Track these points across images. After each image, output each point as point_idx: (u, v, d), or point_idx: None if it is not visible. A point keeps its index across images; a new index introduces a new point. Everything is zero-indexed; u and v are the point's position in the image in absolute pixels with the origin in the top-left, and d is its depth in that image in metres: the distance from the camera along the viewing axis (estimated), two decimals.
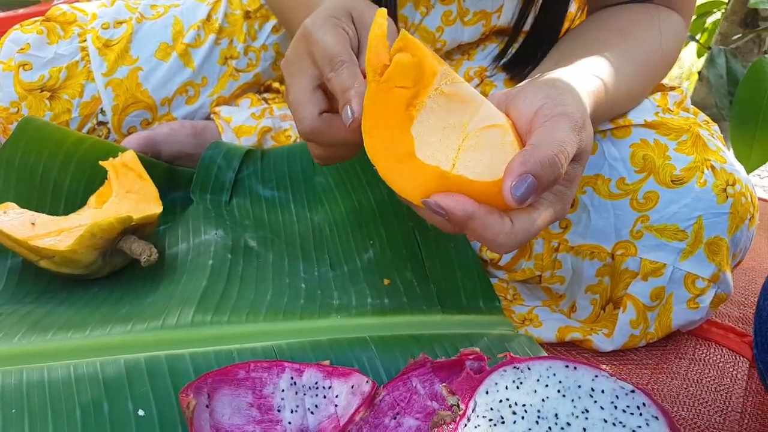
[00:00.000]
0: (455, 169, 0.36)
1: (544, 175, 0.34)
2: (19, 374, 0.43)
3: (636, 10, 0.57)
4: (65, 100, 0.69)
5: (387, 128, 0.36)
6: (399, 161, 0.36)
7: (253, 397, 0.43)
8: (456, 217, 0.36)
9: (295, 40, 0.44)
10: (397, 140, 0.36)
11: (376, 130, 0.36)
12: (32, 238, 0.51)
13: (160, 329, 0.47)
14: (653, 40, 0.54)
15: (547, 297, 0.61)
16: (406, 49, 0.36)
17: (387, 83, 0.35)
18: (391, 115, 0.36)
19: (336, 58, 0.41)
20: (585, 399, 0.41)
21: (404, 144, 0.36)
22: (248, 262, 0.58)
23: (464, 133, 0.37)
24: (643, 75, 0.54)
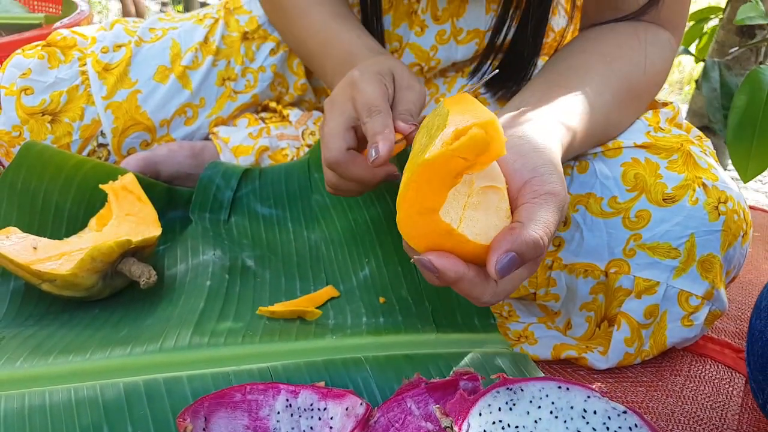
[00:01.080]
0: (460, 228, 0.38)
1: (527, 254, 0.37)
2: (21, 398, 0.44)
3: (623, 32, 0.57)
4: (66, 123, 0.70)
5: (427, 184, 0.37)
6: (421, 214, 0.38)
7: (249, 419, 0.44)
8: (447, 278, 0.38)
9: (342, 86, 0.52)
10: (431, 198, 0.38)
11: (417, 185, 0.37)
12: (34, 263, 0.52)
13: (159, 352, 0.48)
14: (637, 62, 0.55)
15: (543, 314, 0.61)
16: (485, 127, 0.37)
17: (454, 151, 0.36)
18: (438, 177, 0.37)
19: (374, 107, 0.48)
20: (577, 420, 0.42)
21: (435, 202, 0.38)
22: (245, 282, 0.59)
23: (470, 189, 0.39)
24: (623, 100, 0.55)
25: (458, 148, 0.36)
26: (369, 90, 0.50)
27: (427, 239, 0.39)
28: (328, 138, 0.51)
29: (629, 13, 0.58)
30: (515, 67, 0.65)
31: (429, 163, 0.37)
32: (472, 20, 0.69)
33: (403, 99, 0.52)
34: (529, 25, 0.61)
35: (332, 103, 0.52)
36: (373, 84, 0.50)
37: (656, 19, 0.59)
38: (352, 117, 0.51)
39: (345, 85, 0.52)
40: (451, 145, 0.36)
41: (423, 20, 0.69)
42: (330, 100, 0.53)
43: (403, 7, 0.69)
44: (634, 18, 0.58)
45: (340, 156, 0.50)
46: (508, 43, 0.65)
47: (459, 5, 0.68)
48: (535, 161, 0.41)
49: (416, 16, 0.69)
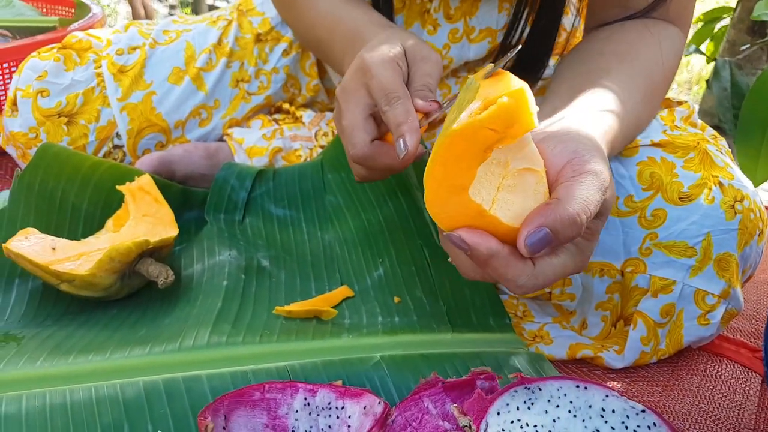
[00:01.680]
0: (492, 209, 0.36)
1: (561, 231, 0.35)
2: (42, 397, 0.44)
3: (634, 29, 0.57)
4: (82, 125, 0.70)
5: (456, 161, 0.36)
6: (450, 192, 0.36)
7: (268, 418, 0.44)
8: (479, 254, 0.36)
9: (353, 71, 0.49)
10: (460, 174, 0.36)
11: (444, 159, 0.36)
12: (53, 263, 0.52)
13: (178, 351, 0.48)
14: (655, 60, 0.55)
15: (558, 314, 0.61)
16: (514, 96, 0.35)
17: (481, 122, 0.35)
18: (467, 151, 0.36)
19: (392, 94, 0.46)
20: (596, 419, 0.42)
21: (464, 178, 0.36)
22: (261, 282, 0.59)
23: (506, 171, 0.37)
24: (648, 99, 0.54)
25: (486, 118, 0.34)
26: (383, 75, 0.47)
27: (457, 221, 0.37)
28: (350, 132, 0.48)
29: (638, 10, 0.58)
30: (528, 66, 0.65)
31: (456, 135, 0.35)
32: (484, 19, 0.69)
33: (419, 72, 0.49)
34: (541, 24, 0.61)
35: (345, 92, 0.49)
36: (386, 67, 0.47)
37: (664, 15, 0.59)
38: (369, 104, 0.48)
39: (356, 69, 0.49)
40: (479, 116, 0.34)
41: (435, 19, 0.69)
42: (342, 88, 0.50)
43: (416, 7, 0.69)
44: (642, 15, 0.58)
45: (366, 150, 0.48)
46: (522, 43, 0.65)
47: (471, 4, 0.68)
48: (576, 145, 0.39)
49: (429, 15, 0.70)
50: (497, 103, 0.35)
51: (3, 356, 0.48)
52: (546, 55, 0.64)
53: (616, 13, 0.59)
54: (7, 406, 0.43)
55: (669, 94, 0.63)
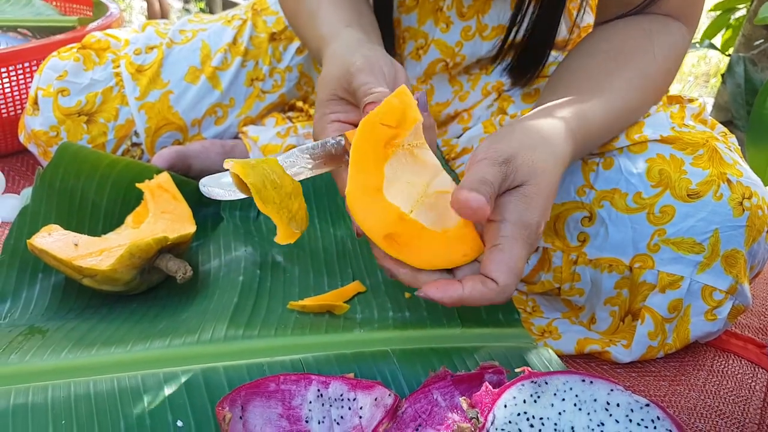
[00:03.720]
0: (412, 214, 0.42)
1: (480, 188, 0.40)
2: (67, 387, 0.46)
3: (629, 27, 0.58)
4: (101, 123, 0.72)
5: (365, 161, 0.42)
6: (366, 194, 0.42)
7: (283, 408, 0.45)
8: (449, 304, 0.42)
9: (339, 73, 0.49)
10: (370, 173, 0.42)
11: (355, 160, 0.42)
12: (76, 258, 0.54)
13: (196, 344, 0.50)
14: (646, 55, 0.56)
15: (567, 309, 0.62)
16: (398, 95, 0.43)
17: (375, 117, 0.42)
18: (371, 149, 0.42)
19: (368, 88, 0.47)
20: (600, 412, 0.43)
21: (375, 179, 0.42)
22: (276, 277, 0.61)
23: (423, 191, 0.44)
24: (639, 92, 0.56)
25: (377, 113, 0.42)
26: (366, 81, 0.48)
27: (380, 223, 0.42)
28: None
29: (635, 6, 0.59)
30: (528, 59, 0.67)
31: (358, 134, 0.41)
32: (497, 16, 0.70)
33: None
34: (541, 18, 0.62)
35: (325, 84, 0.51)
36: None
37: (666, 10, 0.59)
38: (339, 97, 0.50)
39: (343, 74, 0.49)
40: (371, 113, 0.42)
41: (448, 17, 0.70)
42: (322, 79, 0.52)
43: (429, 4, 0.70)
44: (640, 11, 0.59)
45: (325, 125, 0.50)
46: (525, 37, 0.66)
47: (484, 2, 0.69)
48: (500, 138, 0.45)
49: (442, 13, 0.70)
50: (383, 101, 0.42)
51: (29, 348, 0.50)
52: (546, 48, 0.65)
53: (616, 11, 0.60)
54: (34, 396, 0.45)
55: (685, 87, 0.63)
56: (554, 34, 0.64)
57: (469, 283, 0.41)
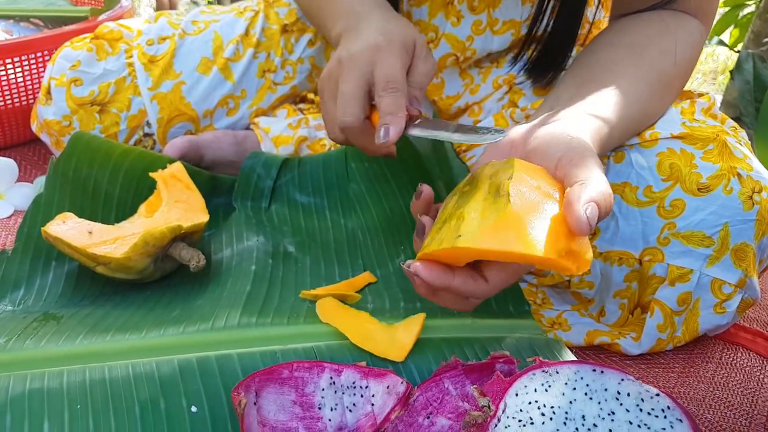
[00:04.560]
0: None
1: (603, 205, 0.37)
2: (82, 373, 0.46)
3: (651, 21, 0.58)
4: (114, 113, 0.73)
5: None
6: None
7: (296, 395, 0.46)
8: (429, 289, 0.42)
9: (365, 45, 0.52)
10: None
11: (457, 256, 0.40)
12: (90, 246, 0.55)
13: (210, 331, 0.50)
14: (667, 53, 0.56)
15: (576, 301, 0.62)
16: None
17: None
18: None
19: (392, 82, 0.50)
20: (611, 402, 0.43)
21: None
22: (287, 267, 0.61)
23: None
24: (658, 90, 0.56)
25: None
26: (392, 61, 0.51)
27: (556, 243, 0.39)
28: (347, 100, 0.51)
29: (659, 1, 0.59)
30: (552, 56, 0.66)
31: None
32: (508, 11, 0.70)
33: (417, 69, 0.54)
34: (564, 16, 0.62)
35: (352, 60, 0.52)
36: (397, 56, 0.51)
37: (685, 7, 0.59)
38: (370, 81, 0.51)
39: (368, 46, 0.52)
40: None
41: (459, 11, 0.70)
42: (350, 56, 0.52)
43: None
44: (663, 6, 0.59)
45: (356, 123, 0.51)
46: (545, 34, 0.66)
47: None
48: (563, 144, 0.43)
49: (452, 7, 0.70)
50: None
51: (44, 334, 0.51)
52: (569, 47, 0.65)
53: (638, 4, 0.60)
54: (50, 381, 0.46)
55: (692, 84, 0.64)
56: (576, 33, 0.64)
57: (461, 276, 0.41)
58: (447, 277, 0.40)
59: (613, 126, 0.49)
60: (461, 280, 0.41)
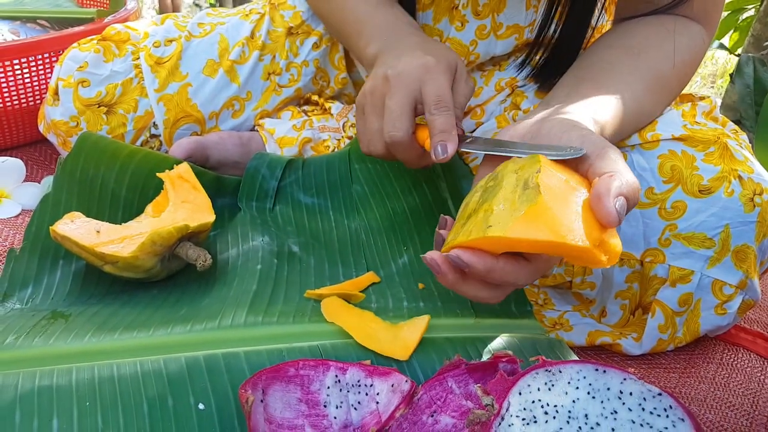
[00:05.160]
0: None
1: (631, 198, 0.38)
2: (90, 370, 0.47)
3: (651, 25, 0.59)
4: (120, 114, 0.73)
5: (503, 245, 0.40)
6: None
7: (302, 392, 0.47)
8: (473, 273, 0.41)
9: (413, 64, 0.53)
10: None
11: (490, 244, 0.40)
12: (98, 245, 0.55)
13: (217, 329, 0.51)
14: (665, 55, 0.57)
15: (578, 302, 0.63)
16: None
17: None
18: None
19: (444, 101, 0.51)
20: (614, 401, 0.44)
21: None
22: (292, 266, 0.62)
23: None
24: (655, 91, 0.56)
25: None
26: (442, 81, 0.52)
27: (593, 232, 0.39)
28: (396, 115, 0.52)
29: (661, 6, 0.59)
30: (559, 61, 0.66)
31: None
32: (512, 15, 0.70)
33: (459, 92, 0.55)
34: (572, 22, 0.63)
35: (400, 77, 0.53)
36: (446, 75, 0.53)
37: (688, 12, 0.60)
38: (418, 98, 0.53)
39: (418, 65, 0.53)
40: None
41: (464, 15, 0.71)
42: (398, 73, 0.53)
43: (445, 3, 0.71)
44: (666, 11, 0.60)
45: (405, 138, 0.52)
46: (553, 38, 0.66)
47: (500, 1, 0.70)
48: (577, 135, 0.43)
49: (457, 11, 0.71)
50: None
51: (53, 332, 0.51)
52: (576, 52, 0.66)
53: (642, 8, 0.61)
54: (59, 378, 0.46)
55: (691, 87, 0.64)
56: (583, 38, 0.65)
57: (503, 258, 0.40)
58: (490, 260, 0.40)
59: (605, 122, 0.50)
60: (504, 263, 0.40)
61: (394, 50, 0.57)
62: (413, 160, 0.56)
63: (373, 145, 0.56)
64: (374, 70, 0.56)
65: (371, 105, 0.55)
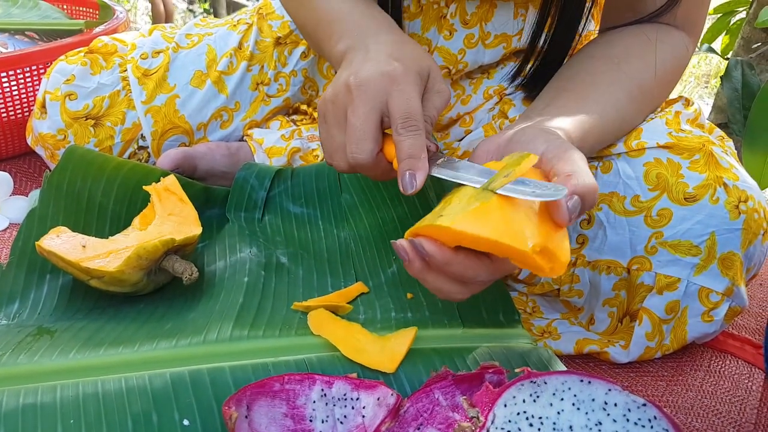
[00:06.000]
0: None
1: (588, 198, 0.39)
2: (75, 387, 0.47)
3: (633, 34, 0.59)
4: (108, 127, 0.73)
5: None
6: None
7: (288, 407, 0.46)
8: (420, 267, 0.42)
9: (379, 74, 0.47)
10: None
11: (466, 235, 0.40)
12: (84, 260, 0.55)
13: (202, 344, 0.51)
14: (647, 64, 0.57)
15: (566, 310, 0.63)
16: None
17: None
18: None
19: (413, 119, 0.46)
20: (598, 412, 0.44)
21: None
22: (280, 278, 0.62)
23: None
24: (636, 99, 0.57)
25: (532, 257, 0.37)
26: (410, 95, 0.47)
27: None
28: (359, 135, 0.47)
29: (646, 15, 0.60)
30: (546, 69, 0.67)
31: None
32: (500, 25, 0.71)
33: (430, 103, 0.50)
34: (560, 29, 0.63)
35: (362, 88, 0.47)
36: (415, 86, 0.47)
37: (671, 20, 0.60)
38: (384, 111, 0.48)
39: (381, 73, 0.47)
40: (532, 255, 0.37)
41: (452, 24, 0.71)
42: (360, 83, 0.47)
43: (433, 12, 0.71)
44: (650, 20, 0.60)
45: (369, 160, 0.48)
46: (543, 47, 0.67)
47: (487, 10, 0.70)
48: (542, 140, 0.44)
49: (445, 21, 0.71)
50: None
51: (38, 348, 0.51)
52: (563, 60, 0.66)
53: (626, 17, 0.61)
54: (43, 396, 0.46)
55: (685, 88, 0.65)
56: (570, 46, 0.65)
57: (462, 252, 0.40)
58: (449, 252, 0.40)
59: (586, 130, 0.50)
60: (464, 257, 0.40)
61: (360, 50, 0.51)
62: (380, 176, 0.51)
63: (336, 160, 0.52)
64: (338, 74, 0.51)
65: (333, 116, 0.50)
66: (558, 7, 0.61)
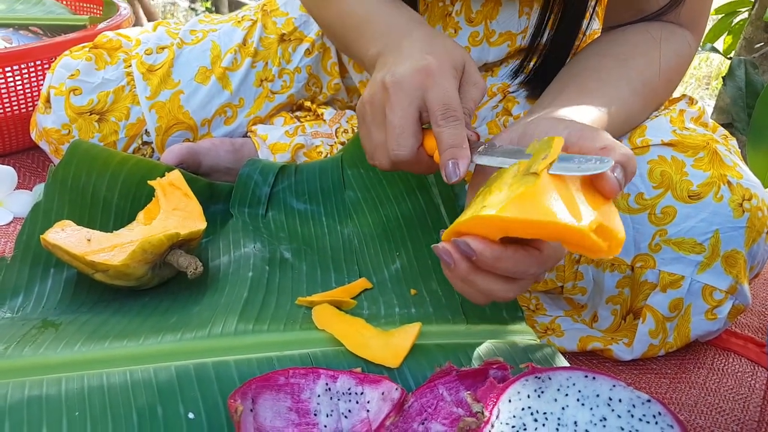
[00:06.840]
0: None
1: (628, 168, 0.38)
2: (80, 380, 0.47)
3: (638, 32, 0.59)
4: (112, 122, 0.73)
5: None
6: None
7: (292, 401, 0.46)
8: (470, 264, 0.40)
9: (415, 70, 0.48)
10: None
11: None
12: (88, 254, 0.55)
13: (207, 338, 0.51)
14: (652, 62, 0.57)
15: (570, 307, 0.63)
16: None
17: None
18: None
19: (451, 110, 0.46)
20: (603, 407, 0.44)
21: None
22: (284, 273, 0.62)
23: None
24: (643, 96, 0.57)
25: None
26: (447, 87, 0.47)
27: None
28: (399, 131, 0.48)
29: (650, 13, 0.60)
30: (550, 68, 0.67)
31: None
32: (504, 23, 0.71)
33: (467, 95, 0.50)
34: (563, 27, 0.63)
35: (399, 85, 0.48)
36: (451, 80, 0.47)
37: (675, 18, 0.60)
38: (422, 107, 0.48)
39: (417, 68, 0.47)
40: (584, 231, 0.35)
41: (457, 22, 0.71)
42: (396, 80, 0.48)
43: (438, 10, 0.71)
44: (654, 18, 0.60)
45: (411, 155, 0.48)
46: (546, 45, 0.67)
47: (492, 8, 0.70)
48: (563, 126, 0.43)
49: (450, 18, 0.71)
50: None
51: (43, 341, 0.51)
52: (566, 58, 0.66)
53: (630, 16, 0.61)
54: (48, 388, 0.46)
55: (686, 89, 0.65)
56: (573, 44, 0.65)
57: (511, 246, 0.39)
58: (498, 247, 0.37)
59: (592, 121, 0.50)
60: (513, 251, 0.38)
61: (394, 51, 0.52)
62: (422, 170, 0.52)
63: (378, 159, 0.52)
64: (373, 75, 0.51)
65: (371, 116, 0.50)
66: (560, 5, 0.61)
